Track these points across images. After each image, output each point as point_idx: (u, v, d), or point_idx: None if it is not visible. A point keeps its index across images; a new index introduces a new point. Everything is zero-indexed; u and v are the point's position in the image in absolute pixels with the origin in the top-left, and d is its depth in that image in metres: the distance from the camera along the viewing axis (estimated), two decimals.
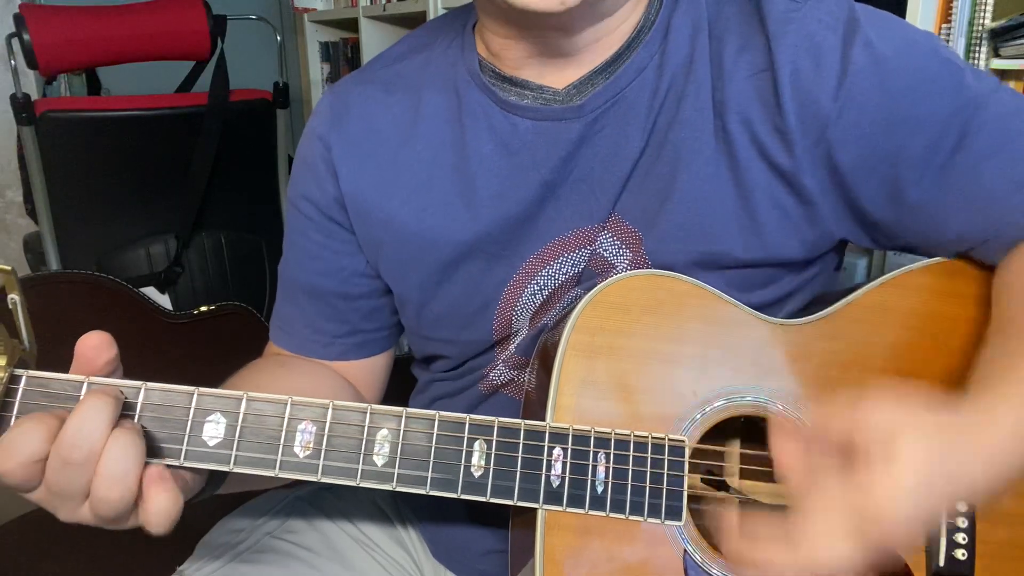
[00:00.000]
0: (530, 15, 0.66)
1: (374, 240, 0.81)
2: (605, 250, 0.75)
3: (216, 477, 0.67)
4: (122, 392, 0.59)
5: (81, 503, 0.57)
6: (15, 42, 2.04)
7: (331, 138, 0.81)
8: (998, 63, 1.20)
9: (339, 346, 0.88)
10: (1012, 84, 1.23)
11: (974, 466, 0.55)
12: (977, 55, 1.23)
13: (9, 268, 0.57)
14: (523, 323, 0.79)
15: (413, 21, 2.59)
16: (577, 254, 0.76)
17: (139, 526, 0.59)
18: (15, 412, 0.59)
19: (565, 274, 0.76)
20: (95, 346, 0.59)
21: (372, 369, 0.91)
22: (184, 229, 2.23)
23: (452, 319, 0.81)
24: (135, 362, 0.65)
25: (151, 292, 2.19)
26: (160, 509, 0.57)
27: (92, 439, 0.55)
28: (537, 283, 0.77)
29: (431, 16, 2.24)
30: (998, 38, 1.19)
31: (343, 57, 3.08)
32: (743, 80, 0.71)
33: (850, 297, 0.73)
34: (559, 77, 0.75)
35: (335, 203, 0.82)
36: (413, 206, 0.78)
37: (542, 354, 0.73)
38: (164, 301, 2.22)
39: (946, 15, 1.26)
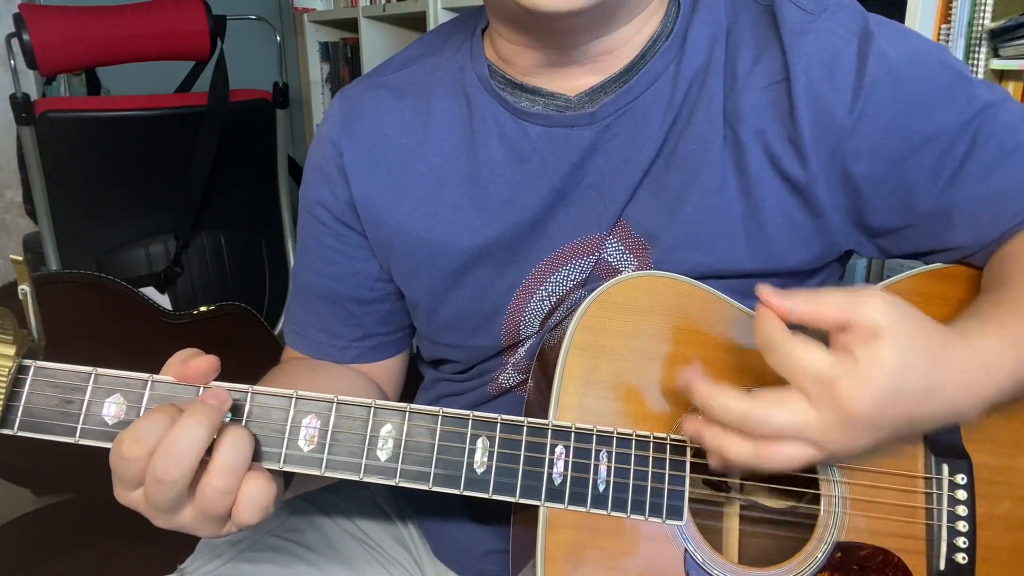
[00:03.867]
0: (538, 16, 0.66)
1: (384, 244, 0.82)
2: (611, 256, 0.75)
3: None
4: (229, 395, 0.60)
5: (182, 510, 0.58)
6: (15, 42, 2.04)
7: (343, 143, 0.81)
8: (998, 63, 1.21)
9: (354, 350, 0.88)
10: (1012, 84, 1.23)
11: (955, 386, 0.57)
12: (977, 55, 1.23)
13: (20, 259, 0.58)
14: (532, 329, 0.79)
15: (413, 21, 2.59)
16: (584, 260, 0.76)
17: (234, 528, 0.60)
18: (23, 403, 0.60)
19: (573, 280, 0.76)
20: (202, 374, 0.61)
21: (387, 371, 0.91)
22: (184, 229, 2.23)
23: (461, 325, 0.81)
24: (134, 362, 0.65)
25: (151, 292, 2.19)
26: (251, 496, 0.58)
27: (186, 461, 0.56)
28: (545, 289, 0.77)
29: (431, 16, 2.24)
30: (998, 38, 1.20)
31: (343, 57, 3.08)
32: (758, 91, 0.71)
33: None
34: (572, 85, 0.75)
35: (348, 207, 0.82)
36: (423, 211, 0.79)
37: (545, 353, 0.74)
38: (164, 301, 2.22)
39: (946, 15, 1.26)
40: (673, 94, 0.73)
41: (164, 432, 0.56)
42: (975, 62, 1.23)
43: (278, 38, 2.53)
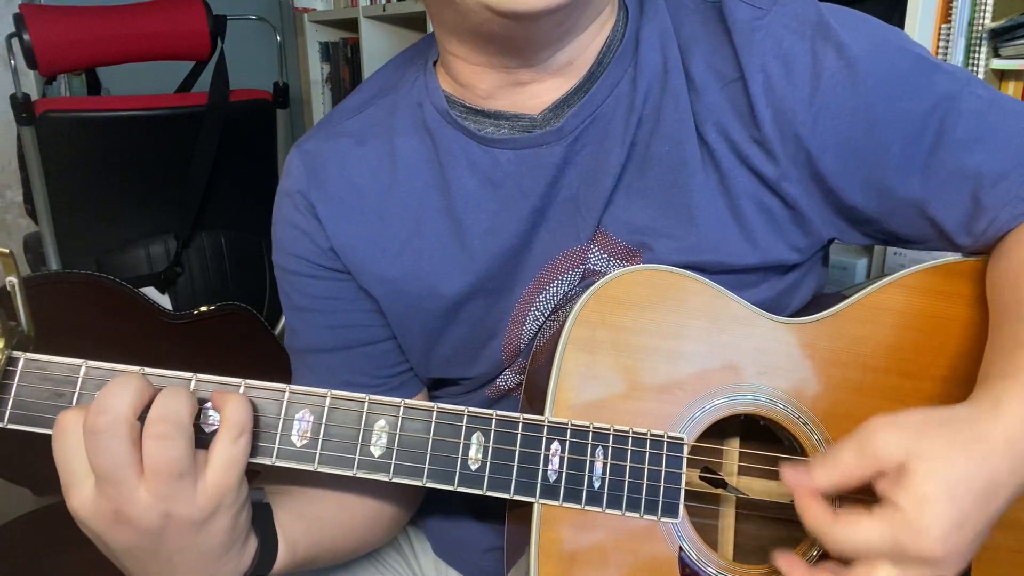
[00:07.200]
0: (518, 16, 0.62)
1: (371, 294, 0.79)
2: (597, 265, 0.74)
3: None
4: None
5: (134, 488, 0.56)
6: (15, 42, 2.04)
7: (312, 195, 0.78)
8: (998, 63, 1.21)
9: (380, 389, 0.83)
10: (1012, 84, 1.23)
11: (1010, 458, 0.55)
12: (977, 55, 1.23)
13: (7, 251, 0.58)
14: (530, 341, 0.77)
15: (413, 21, 2.59)
16: (571, 274, 0.75)
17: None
18: (12, 395, 0.60)
19: (563, 294, 0.75)
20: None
21: None
22: (184, 229, 2.22)
23: (461, 357, 0.80)
24: (134, 362, 0.65)
25: (151, 292, 2.19)
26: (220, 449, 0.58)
27: (117, 410, 0.55)
28: (538, 308, 0.76)
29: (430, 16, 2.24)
30: (998, 38, 1.20)
31: (343, 57, 3.08)
32: (715, 91, 0.71)
33: (852, 298, 0.72)
34: (534, 103, 0.73)
35: (331, 253, 0.78)
36: (407, 256, 0.76)
37: (541, 349, 0.73)
38: (164, 301, 2.22)
39: (946, 15, 1.26)
40: (633, 97, 0.72)
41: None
42: (975, 62, 1.23)
43: (278, 38, 2.53)
